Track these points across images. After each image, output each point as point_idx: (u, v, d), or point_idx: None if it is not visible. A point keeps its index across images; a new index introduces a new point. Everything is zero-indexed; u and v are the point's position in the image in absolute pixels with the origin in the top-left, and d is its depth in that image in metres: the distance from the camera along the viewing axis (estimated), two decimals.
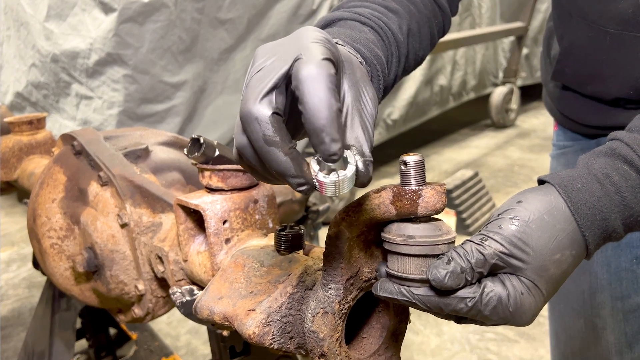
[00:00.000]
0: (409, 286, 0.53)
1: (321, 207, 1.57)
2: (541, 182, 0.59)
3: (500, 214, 0.54)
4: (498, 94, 6.22)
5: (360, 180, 0.47)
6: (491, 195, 3.95)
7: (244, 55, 3.45)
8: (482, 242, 0.52)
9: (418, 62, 0.81)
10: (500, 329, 2.45)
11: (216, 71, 3.34)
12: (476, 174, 3.86)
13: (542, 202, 0.54)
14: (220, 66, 3.35)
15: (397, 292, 0.53)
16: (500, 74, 6.40)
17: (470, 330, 2.49)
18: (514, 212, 0.53)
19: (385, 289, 0.55)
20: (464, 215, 3.49)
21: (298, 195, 1.41)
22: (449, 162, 5.21)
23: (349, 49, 0.61)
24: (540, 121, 6.75)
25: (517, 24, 5.97)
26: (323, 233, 3.22)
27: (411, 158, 0.56)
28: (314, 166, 0.46)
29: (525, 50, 6.51)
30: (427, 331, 2.51)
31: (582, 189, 0.54)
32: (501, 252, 0.51)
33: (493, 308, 0.51)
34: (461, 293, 0.51)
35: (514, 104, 6.47)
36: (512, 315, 0.51)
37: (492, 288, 0.51)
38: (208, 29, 3.17)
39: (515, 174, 4.80)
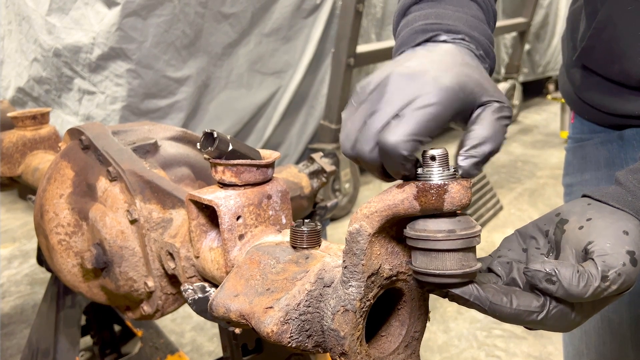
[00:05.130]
0: (449, 283, 0.52)
1: (329, 203, 1.55)
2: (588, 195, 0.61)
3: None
4: (500, 89, 6.19)
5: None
6: (495, 191, 3.94)
7: (248, 49, 3.43)
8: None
9: None
10: (507, 325, 2.44)
11: (220, 66, 3.32)
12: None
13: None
14: (224, 61, 3.33)
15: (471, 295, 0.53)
16: (502, 70, 6.38)
17: (478, 326, 2.48)
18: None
19: (465, 291, 0.54)
20: (469, 212, 3.48)
21: (307, 191, 1.39)
22: (452, 158, 5.19)
23: (473, 47, 0.64)
24: (542, 117, 6.74)
25: (520, 20, 5.95)
26: (331, 229, 3.20)
27: (437, 151, 0.54)
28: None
29: (527, 46, 6.49)
30: (434, 328, 2.50)
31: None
32: None
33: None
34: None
35: (516, 100, 6.45)
36: None
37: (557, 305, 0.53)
38: (212, 23, 3.15)
39: (518, 170, 4.79)
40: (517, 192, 4.25)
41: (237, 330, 0.96)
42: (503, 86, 6.18)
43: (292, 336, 0.63)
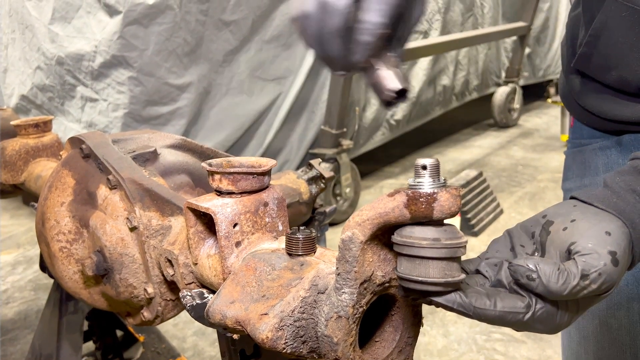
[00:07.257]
0: (431, 291, 0.53)
1: (328, 209, 1.56)
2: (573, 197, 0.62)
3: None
4: (501, 93, 6.21)
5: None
6: (495, 195, 3.94)
7: (249, 56, 3.45)
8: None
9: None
10: (507, 329, 2.45)
11: (221, 73, 3.34)
12: (480, 174, 3.85)
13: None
14: (225, 68, 3.35)
15: (454, 302, 0.54)
16: (503, 74, 6.39)
17: (477, 330, 2.49)
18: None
19: (447, 299, 0.55)
20: (469, 216, 3.48)
21: (305, 197, 1.41)
22: (452, 162, 5.20)
23: None
24: (543, 120, 6.75)
25: (520, 24, 5.96)
26: (330, 234, 3.21)
27: (428, 161, 0.56)
28: None
29: (527, 50, 6.50)
30: (433, 332, 2.51)
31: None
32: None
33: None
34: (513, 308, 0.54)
35: (517, 104, 6.46)
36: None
37: (543, 305, 0.54)
38: (213, 30, 3.17)
39: (519, 174, 4.79)
40: (518, 195, 4.25)
41: (235, 336, 0.97)
42: (503, 90, 6.20)
43: (286, 342, 0.65)
